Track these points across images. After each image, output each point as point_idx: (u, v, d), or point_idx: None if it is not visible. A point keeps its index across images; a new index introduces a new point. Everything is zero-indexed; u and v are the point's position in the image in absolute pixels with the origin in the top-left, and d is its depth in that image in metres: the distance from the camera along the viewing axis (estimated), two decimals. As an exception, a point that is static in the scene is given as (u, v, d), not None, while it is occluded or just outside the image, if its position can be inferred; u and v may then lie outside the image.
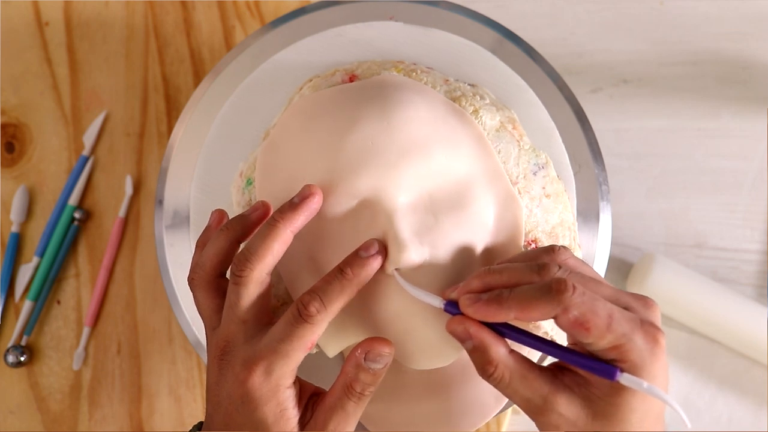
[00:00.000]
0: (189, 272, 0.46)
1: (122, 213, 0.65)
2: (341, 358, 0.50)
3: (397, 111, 0.46)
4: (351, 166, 0.45)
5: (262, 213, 0.45)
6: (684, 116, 0.69)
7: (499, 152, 0.48)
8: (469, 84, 0.52)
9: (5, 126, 0.67)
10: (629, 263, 0.67)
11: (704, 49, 0.69)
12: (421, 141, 0.45)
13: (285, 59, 0.55)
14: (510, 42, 0.55)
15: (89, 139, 0.66)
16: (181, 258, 0.55)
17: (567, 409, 0.39)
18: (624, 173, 0.68)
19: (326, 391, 0.44)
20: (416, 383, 0.49)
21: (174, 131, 0.56)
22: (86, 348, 0.65)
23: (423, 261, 0.45)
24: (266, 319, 0.43)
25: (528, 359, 0.41)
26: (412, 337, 0.45)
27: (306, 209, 0.44)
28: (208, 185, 0.55)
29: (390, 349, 0.43)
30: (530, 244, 0.48)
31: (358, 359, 0.42)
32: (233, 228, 0.45)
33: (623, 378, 0.38)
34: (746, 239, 0.67)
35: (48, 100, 0.67)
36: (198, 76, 0.67)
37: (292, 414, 0.42)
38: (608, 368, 0.38)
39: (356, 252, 0.44)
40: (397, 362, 0.47)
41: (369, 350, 0.43)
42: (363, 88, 0.49)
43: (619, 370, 0.38)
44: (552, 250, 0.42)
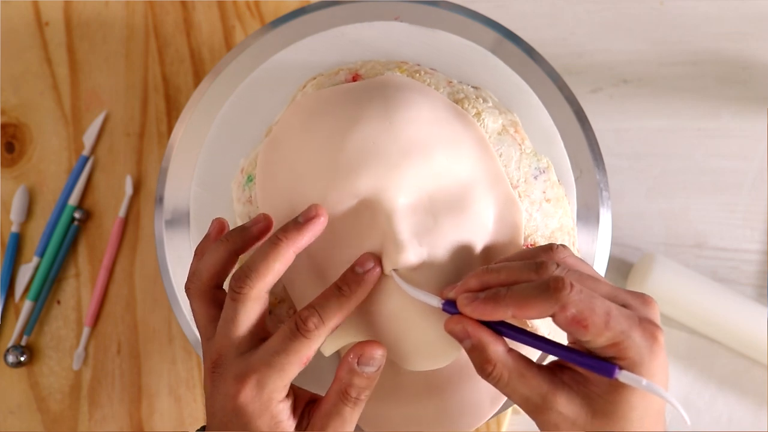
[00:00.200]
0: (186, 280, 0.46)
1: (122, 213, 0.65)
2: (338, 358, 0.50)
3: (400, 111, 0.46)
4: (352, 166, 0.45)
5: (264, 227, 0.45)
6: (684, 116, 0.69)
7: (501, 155, 0.48)
8: (473, 86, 0.52)
9: (5, 126, 0.67)
10: (629, 263, 0.67)
11: (704, 49, 0.69)
12: (423, 142, 0.45)
13: (285, 59, 0.55)
14: (510, 42, 0.55)
15: (89, 139, 0.66)
16: (181, 258, 0.55)
17: (566, 408, 0.39)
18: (624, 173, 0.68)
19: (322, 398, 0.43)
20: (413, 384, 0.49)
21: (174, 131, 0.56)
22: (86, 348, 0.65)
23: (421, 262, 0.44)
24: (261, 335, 0.43)
25: (527, 358, 0.41)
26: (410, 338, 0.45)
27: (310, 230, 0.43)
28: (208, 185, 0.55)
29: (382, 352, 0.43)
30: (529, 248, 0.48)
31: (351, 364, 0.42)
32: (233, 240, 0.45)
33: (622, 375, 0.37)
34: (746, 239, 0.67)
35: (48, 100, 0.67)
36: (198, 76, 0.67)
37: (288, 424, 0.42)
38: (607, 366, 0.38)
39: (352, 268, 0.44)
40: (394, 363, 0.47)
41: (361, 354, 0.42)
42: (366, 88, 0.49)
43: (618, 368, 0.38)
44: (550, 249, 0.42)
